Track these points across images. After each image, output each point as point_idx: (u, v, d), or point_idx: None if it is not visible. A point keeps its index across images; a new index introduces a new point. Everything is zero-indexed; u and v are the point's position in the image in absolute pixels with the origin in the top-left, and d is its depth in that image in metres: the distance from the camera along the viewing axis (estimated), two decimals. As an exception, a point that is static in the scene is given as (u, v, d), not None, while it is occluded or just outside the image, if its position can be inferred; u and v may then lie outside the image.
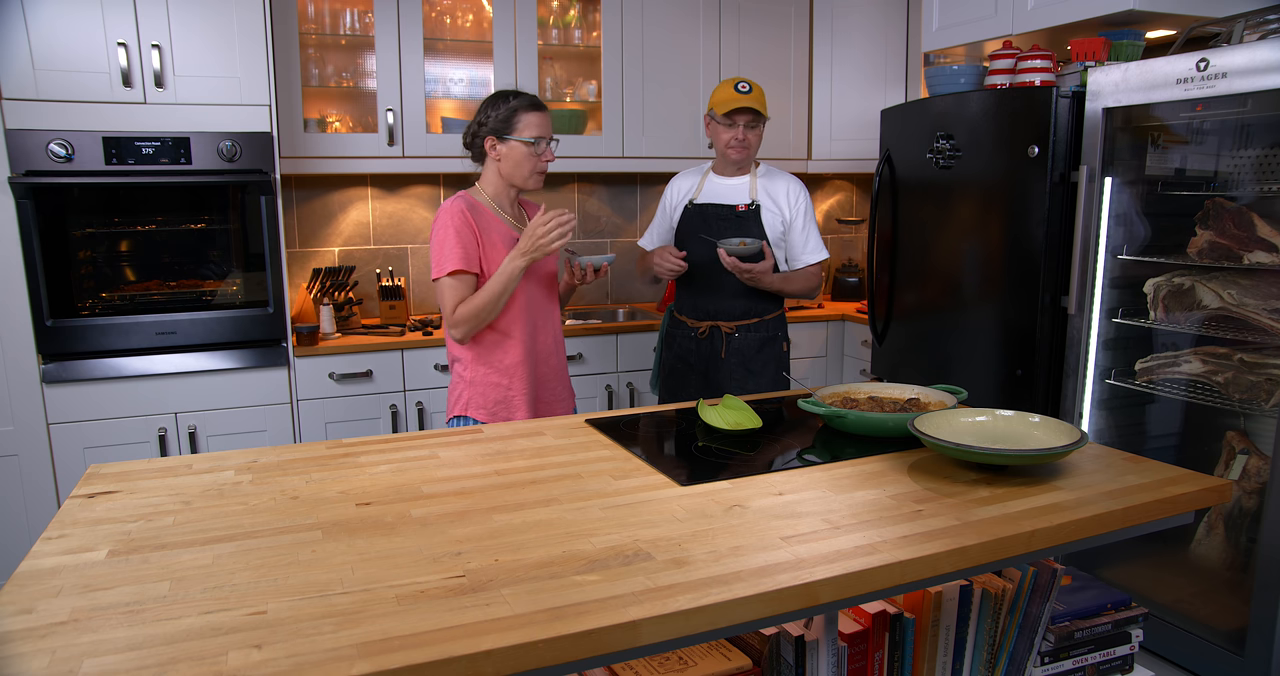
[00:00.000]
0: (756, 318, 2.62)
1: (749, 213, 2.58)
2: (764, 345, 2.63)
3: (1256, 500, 2.38)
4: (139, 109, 2.75)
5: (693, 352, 2.65)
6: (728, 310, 2.61)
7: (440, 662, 0.89)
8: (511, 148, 2.14)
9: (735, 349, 2.60)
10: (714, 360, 2.62)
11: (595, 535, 1.21)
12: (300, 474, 1.50)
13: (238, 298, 2.99)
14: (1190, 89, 2.29)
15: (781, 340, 2.68)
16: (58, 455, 2.78)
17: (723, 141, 2.57)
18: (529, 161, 2.15)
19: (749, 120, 2.53)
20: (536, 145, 2.14)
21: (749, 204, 2.58)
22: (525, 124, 2.13)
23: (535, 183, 2.20)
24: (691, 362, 2.66)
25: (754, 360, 2.62)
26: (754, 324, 2.61)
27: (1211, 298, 2.42)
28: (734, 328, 2.60)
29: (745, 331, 2.61)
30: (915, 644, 1.36)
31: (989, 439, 1.53)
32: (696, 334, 2.63)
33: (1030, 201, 2.71)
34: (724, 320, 2.61)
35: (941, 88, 3.17)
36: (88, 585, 1.06)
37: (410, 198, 3.68)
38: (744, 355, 2.61)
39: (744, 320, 2.61)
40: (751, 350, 2.62)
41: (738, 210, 2.59)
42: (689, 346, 2.66)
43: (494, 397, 2.19)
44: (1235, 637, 2.35)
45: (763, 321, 2.63)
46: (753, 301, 2.62)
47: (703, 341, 2.63)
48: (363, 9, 3.32)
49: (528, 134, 2.13)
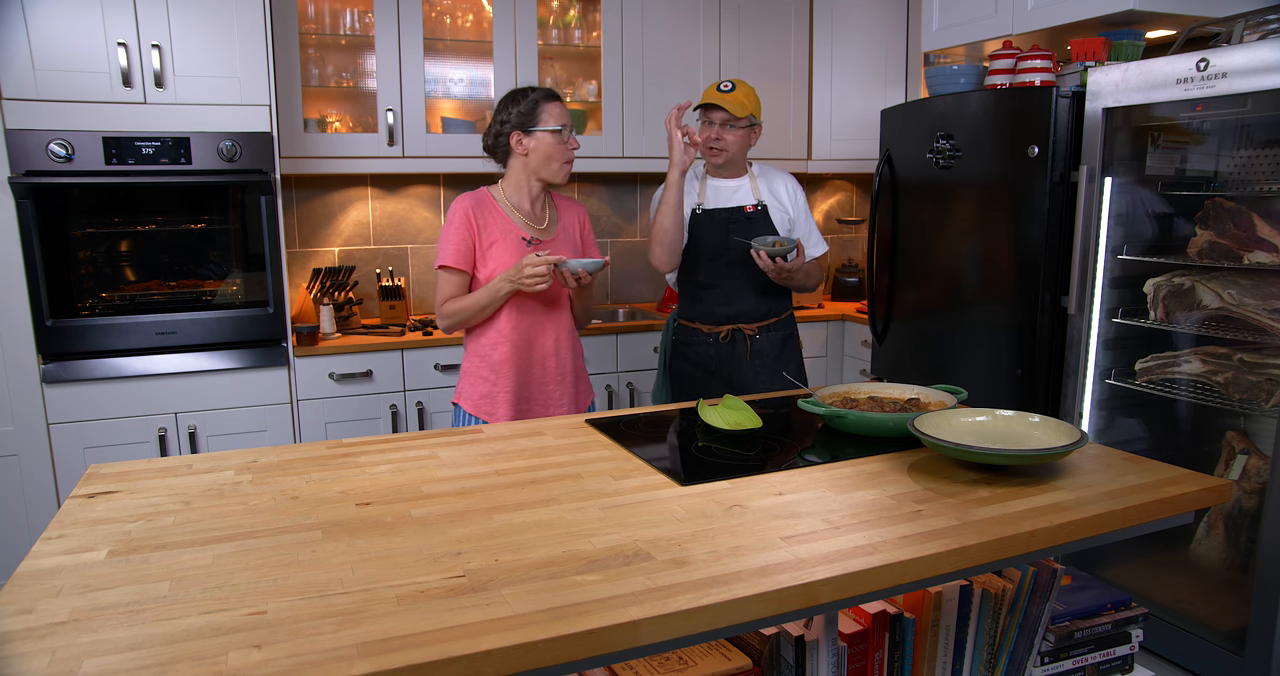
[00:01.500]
0: (775, 317, 2.61)
1: (757, 213, 2.56)
2: (784, 343, 2.63)
3: (1256, 500, 2.38)
4: (139, 109, 2.75)
5: (713, 358, 2.59)
6: (749, 312, 2.58)
7: (440, 662, 0.89)
8: (539, 139, 2.18)
9: (758, 350, 2.59)
10: (738, 363, 2.58)
11: (595, 535, 1.21)
12: (300, 474, 1.50)
13: (238, 298, 2.99)
14: (1190, 89, 2.29)
15: (797, 337, 2.68)
16: (58, 455, 2.78)
17: (699, 140, 2.47)
18: (558, 150, 2.19)
19: (723, 118, 2.46)
20: (562, 132, 2.19)
21: (755, 205, 2.56)
22: (548, 114, 2.18)
23: (564, 174, 2.23)
24: (713, 369, 2.60)
25: (777, 360, 2.61)
26: (773, 324, 2.61)
27: (1211, 298, 2.42)
28: (755, 329, 2.58)
29: (766, 332, 2.60)
30: (915, 644, 1.36)
31: (989, 439, 1.53)
32: (717, 339, 2.58)
33: (1030, 201, 2.71)
34: (744, 323, 2.58)
35: (941, 88, 3.17)
36: (88, 585, 1.06)
37: (410, 198, 3.68)
38: (767, 355, 2.60)
39: (764, 321, 2.59)
40: (775, 349, 2.61)
41: (745, 211, 2.56)
42: (708, 352, 2.60)
43: (480, 391, 2.23)
44: (1235, 637, 2.35)
45: (780, 320, 2.63)
46: (770, 301, 2.61)
47: (724, 346, 2.58)
48: (363, 9, 3.32)
49: (552, 123, 2.17)
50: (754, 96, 2.51)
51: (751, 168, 2.63)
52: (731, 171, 2.60)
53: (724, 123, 2.47)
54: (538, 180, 2.23)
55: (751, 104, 2.49)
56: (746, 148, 2.56)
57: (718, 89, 2.47)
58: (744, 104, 2.46)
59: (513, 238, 2.19)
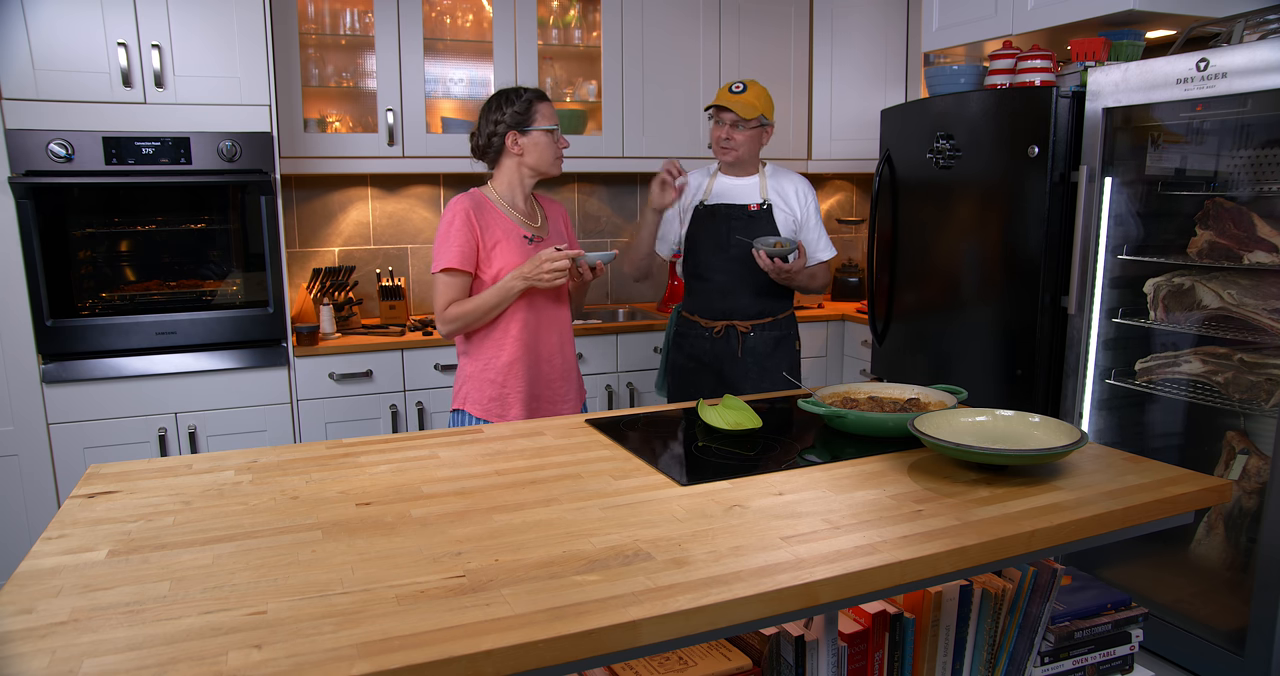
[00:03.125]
0: (770, 317, 2.63)
1: (761, 212, 2.58)
2: (778, 344, 2.65)
3: (1256, 500, 2.38)
4: (139, 109, 2.75)
5: (706, 352, 2.65)
6: (743, 309, 2.61)
7: (440, 662, 0.89)
8: (534, 138, 2.20)
9: (750, 348, 2.61)
10: (730, 359, 2.63)
11: (595, 535, 1.21)
12: (300, 474, 1.50)
13: (238, 298, 2.99)
14: (1190, 89, 2.29)
15: (794, 338, 2.69)
16: (58, 455, 2.78)
17: (712, 139, 2.60)
18: (551, 148, 2.23)
19: (733, 119, 2.52)
20: (554, 132, 2.23)
21: (760, 204, 2.59)
22: (542, 114, 2.21)
23: (559, 167, 2.28)
24: (705, 362, 2.65)
25: (769, 358, 2.63)
26: (768, 323, 2.62)
27: (1211, 298, 2.42)
28: (749, 327, 2.61)
29: (760, 330, 2.62)
30: (915, 644, 1.36)
31: (989, 439, 1.53)
32: (712, 333, 2.63)
33: (1030, 201, 2.71)
34: (739, 319, 2.61)
35: (941, 88, 3.17)
36: (88, 585, 1.06)
37: (410, 198, 3.68)
38: (759, 354, 2.62)
39: (759, 319, 2.62)
40: (767, 349, 2.63)
41: (749, 210, 2.59)
42: (702, 346, 2.65)
43: (490, 394, 2.22)
44: (1235, 637, 2.35)
45: (776, 320, 2.64)
46: (767, 300, 2.62)
47: (718, 341, 2.63)
48: (363, 9, 3.32)
49: (546, 123, 2.21)
50: (765, 97, 2.54)
51: (764, 168, 2.66)
52: (742, 170, 2.64)
53: (734, 123, 2.52)
54: (533, 176, 2.25)
55: (762, 104, 2.52)
56: (758, 147, 2.60)
57: (729, 90, 2.52)
58: (754, 105, 2.50)
59: (515, 237, 2.19)
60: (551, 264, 2.07)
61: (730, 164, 2.62)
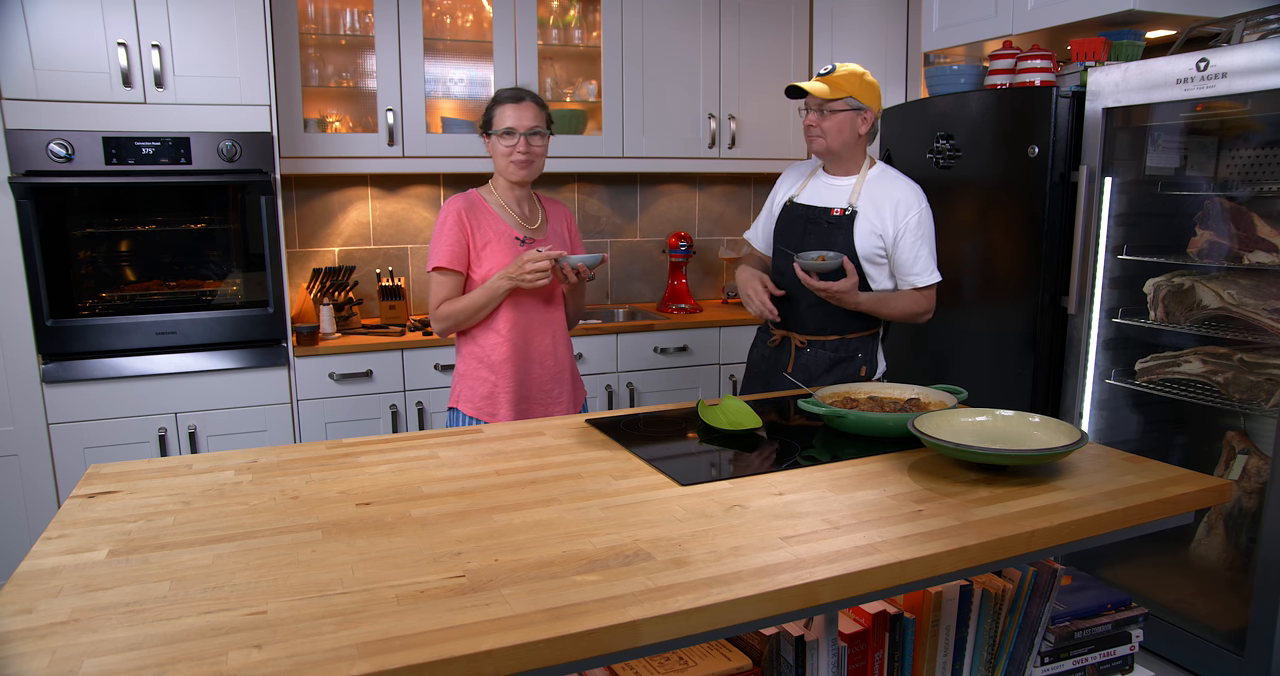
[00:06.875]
0: (835, 335, 2.31)
1: (842, 219, 2.26)
2: (835, 365, 2.33)
3: (1256, 500, 2.38)
4: (139, 109, 2.75)
5: (764, 359, 2.45)
6: (800, 322, 2.33)
7: (440, 662, 0.89)
8: (492, 142, 2.21)
9: (802, 364, 2.34)
10: (778, 371, 2.38)
11: (595, 535, 1.21)
12: (300, 474, 1.50)
13: (238, 298, 2.99)
14: (1190, 89, 2.29)
15: (861, 363, 2.33)
16: (58, 455, 2.78)
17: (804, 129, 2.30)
18: (503, 153, 2.19)
19: (815, 103, 2.22)
20: (507, 136, 2.17)
21: (845, 209, 2.26)
22: (500, 117, 2.18)
23: (514, 173, 2.20)
24: (761, 370, 2.47)
25: (820, 379, 2.32)
26: (831, 341, 2.32)
27: (1211, 298, 2.42)
28: (805, 341, 2.33)
29: (817, 347, 2.32)
30: (915, 644, 1.36)
31: (989, 439, 1.53)
32: (769, 341, 2.43)
33: (1030, 201, 2.71)
34: (796, 332, 2.34)
35: (941, 88, 3.17)
36: (88, 585, 1.06)
37: (410, 198, 3.68)
38: (810, 371, 2.33)
39: (817, 336, 2.32)
40: (820, 368, 2.33)
41: (832, 214, 2.28)
42: (762, 351, 2.46)
43: (481, 393, 2.23)
44: (1235, 637, 2.35)
45: (842, 340, 2.31)
46: (832, 317, 2.30)
47: (773, 349, 2.41)
48: (363, 9, 3.32)
49: (500, 126, 2.17)
50: (857, 78, 2.22)
51: (870, 169, 2.31)
52: (841, 167, 2.33)
53: (818, 107, 2.23)
54: (506, 177, 2.23)
55: (851, 86, 2.19)
56: (853, 137, 2.25)
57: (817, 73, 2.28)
58: (838, 85, 2.19)
59: (506, 238, 2.19)
60: (533, 264, 2.07)
61: (825, 157, 2.32)
